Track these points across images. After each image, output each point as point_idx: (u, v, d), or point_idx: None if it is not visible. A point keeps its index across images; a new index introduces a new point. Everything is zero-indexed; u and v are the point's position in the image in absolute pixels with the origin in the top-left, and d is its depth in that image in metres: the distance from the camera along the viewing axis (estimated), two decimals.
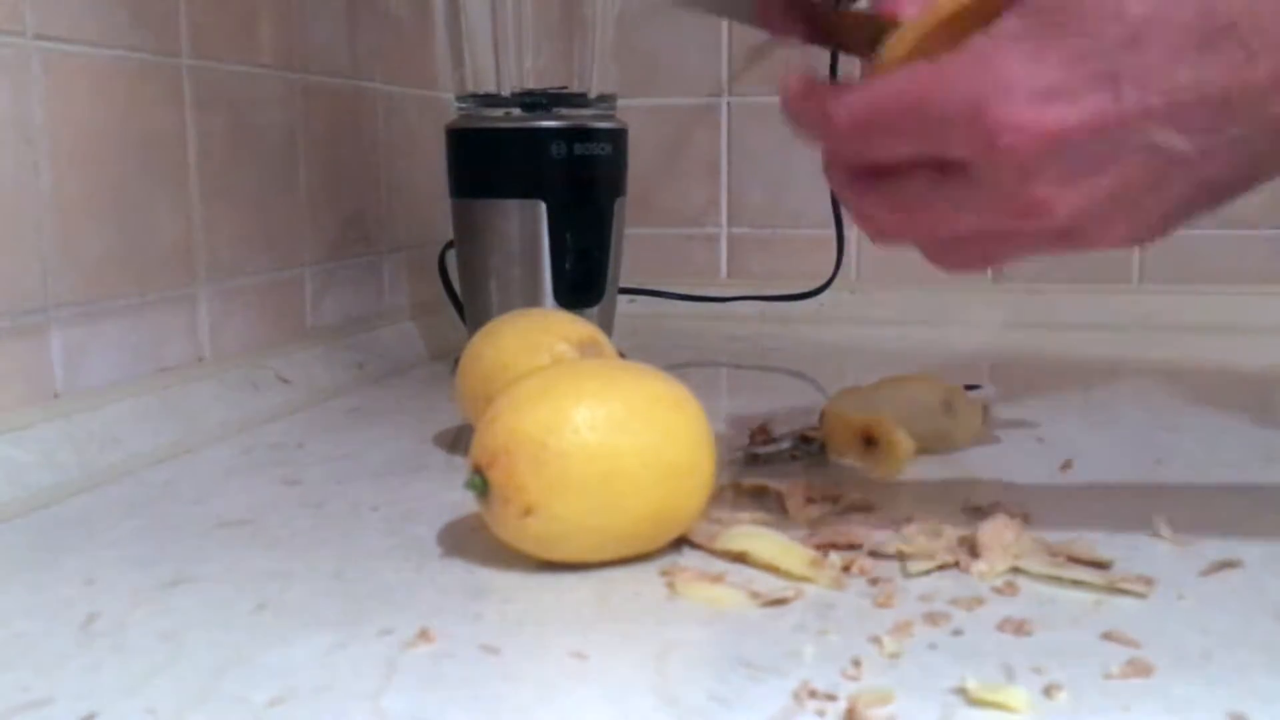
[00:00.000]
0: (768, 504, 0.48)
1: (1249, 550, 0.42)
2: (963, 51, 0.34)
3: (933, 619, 0.36)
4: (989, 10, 0.35)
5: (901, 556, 0.41)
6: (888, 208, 0.38)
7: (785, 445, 0.56)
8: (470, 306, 0.76)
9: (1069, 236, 0.36)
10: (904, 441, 0.50)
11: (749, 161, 1.05)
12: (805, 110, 0.38)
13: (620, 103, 0.78)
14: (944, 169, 0.36)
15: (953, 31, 0.36)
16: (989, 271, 1.01)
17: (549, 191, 0.72)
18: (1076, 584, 0.39)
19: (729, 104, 1.05)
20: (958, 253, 0.39)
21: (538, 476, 0.39)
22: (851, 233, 1.02)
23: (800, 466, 0.54)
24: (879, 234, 0.39)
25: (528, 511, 0.39)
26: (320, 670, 0.33)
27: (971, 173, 0.35)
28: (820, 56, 0.95)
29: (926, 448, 0.53)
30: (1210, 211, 0.37)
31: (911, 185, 0.37)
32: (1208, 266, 0.96)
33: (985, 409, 0.64)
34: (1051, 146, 0.34)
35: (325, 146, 0.77)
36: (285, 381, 0.68)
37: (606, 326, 0.75)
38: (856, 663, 0.33)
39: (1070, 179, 0.34)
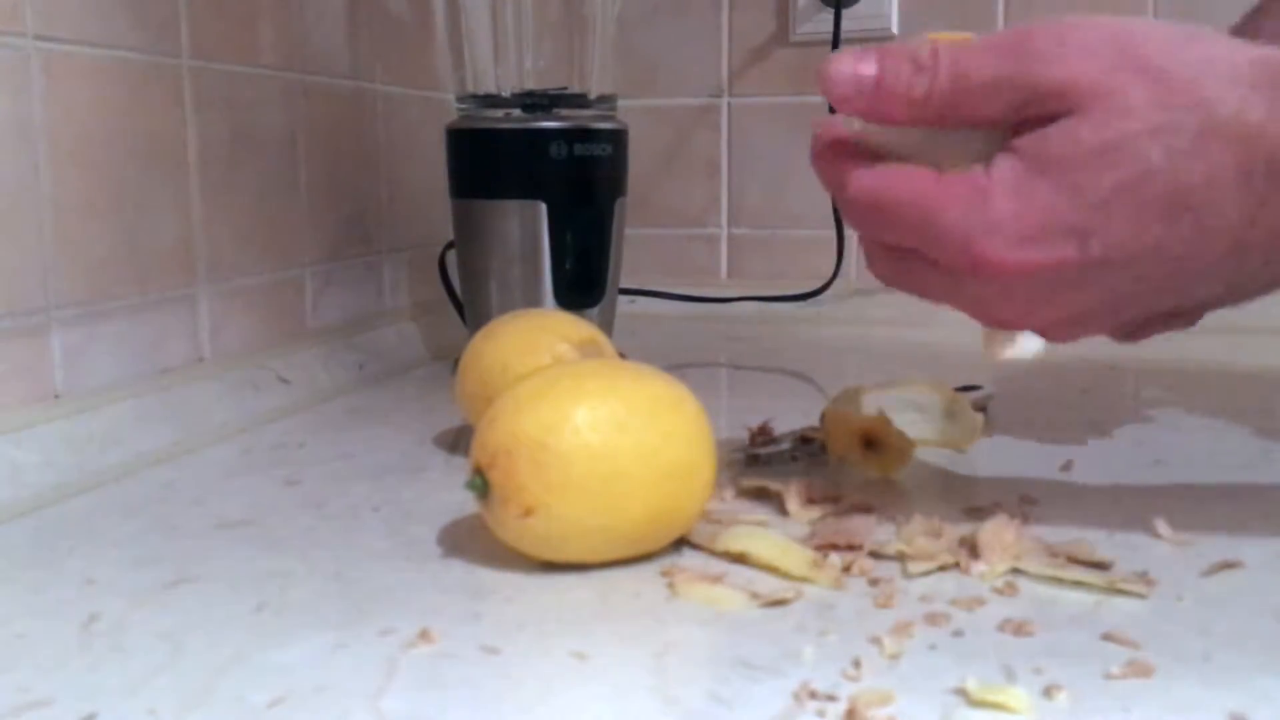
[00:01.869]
0: (768, 504, 0.48)
1: (1249, 550, 0.42)
2: (965, 180, 0.39)
3: (933, 619, 0.36)
4: None
5: (902, 557, 0.41)
6: (891, 272, 0.43)
7: (785, 446, 0.56)
8: (470, 307, 0.76)
9: (1036, 327, 0.42)
10: (905, 441, 0.50)
11: (749, 162, 1.05)
12: (826, 169, 0.42)
13: (620, 103, 0.78)
14: (937, 264, 0.40)
15: None
16: None
17: (549, 192, 0.72)
18: (1077, 584, 0.39)
19: (729, 104, 1.05)
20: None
21: (538, 477, 0.39)
22: (851, 233, 1.02)
23: (800, 467, 0.54)
24: (886, 284, 0.44)
25: (528, 512, 0.39)
26: (320, 670, 0.33)
27: (956, 279, 0.40)
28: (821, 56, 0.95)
29: (927, 450, 0.53)
30: (1159, 329, 0.44)
31: (913, 264, 0.41)
32: None
33: (985, 410, 0.64)
34: (1021, 280, 0.39)
35: (326, 147, 0.77)
36: (285, 382, 0.68)
37: (607, 327, 0.75)
38: (857, 663, 0.33)
39: (1035, 304, 0.40)
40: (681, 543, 0.43)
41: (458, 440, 0.60)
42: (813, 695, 0.31)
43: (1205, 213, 0.37)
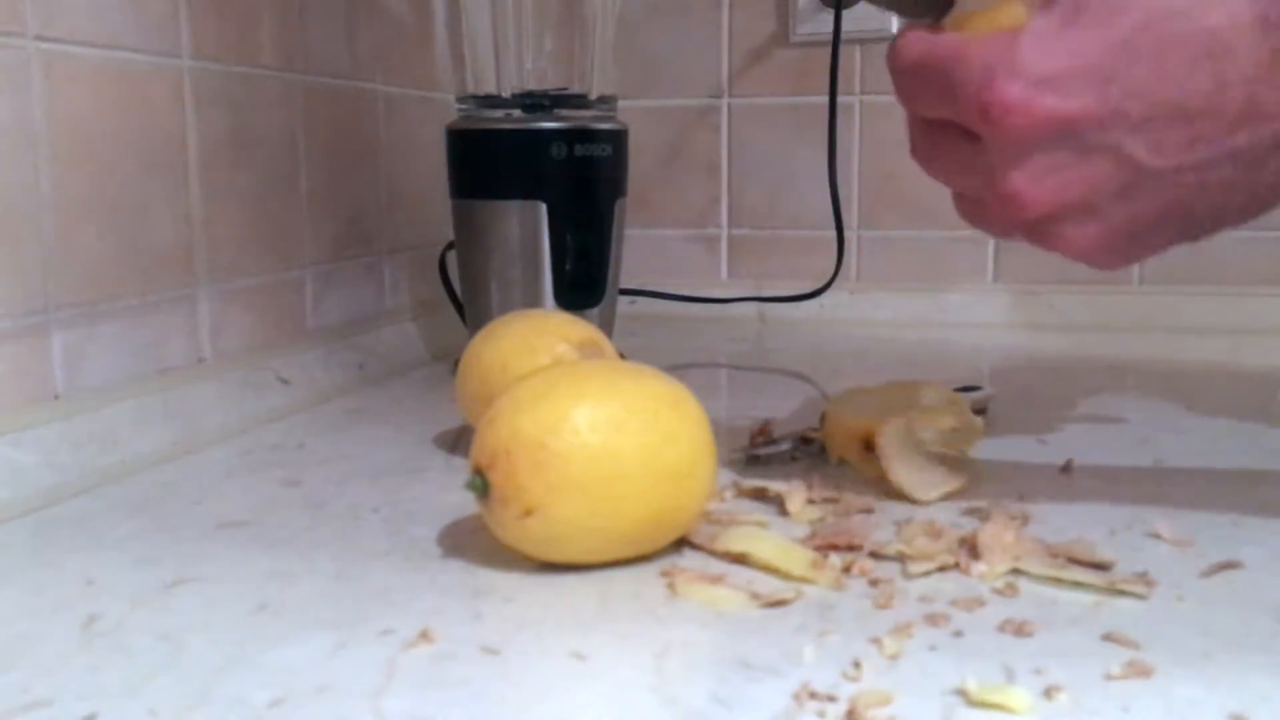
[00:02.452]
0: (768, 505, 0.48)
1: (1249, 550, 0.42)
2: (998, 34, 0.39)
3: (933, 620, 0.36)
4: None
5: (902, 557, 0.41)
6: (925, 146, 0.43)
7: (785, 446, 0.56)
8: (470, 307, 0.76)
9: (1043, 231, 0.40)
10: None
11: (749, 162, 1.05)
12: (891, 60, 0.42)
13: (621, 104, 0.78)
14: (971, 134, 0.40)
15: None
16: (989, 275, 1.01)
17: (549, 192, 0.72)
18: (1077, 585, 0.39)
19: (729, 105, 1.05)
20: (970, 211, 0.44)
21: (538, 477, 0.39)
22: (852, 233, 1.02)
23: (800, 467, 0.54)
24: (922, 166, 0.43)
25: (528, 512, 0.39)
26: (320, 671, 0.33)
27: (982, 145, 0.39)
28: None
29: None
30: (1180, 241, 0.41)
31: (945, 137, 0.41)
32: (1208, 267, 0.96)
33: (985, 410, 0.64)
34: (1037, 131, 0.37)
35: (326, 147, 0.77)
36: (285, 382, 0.68)
37: (607, 327, 0.75)
38: (857, 664, 0.33)
39: (1047, 171, 0.38)
40: (681, 543, 0.43)
41: (458, 441, 0.60)
42: (813, 695, 0.31)
43: (1223, 61, 0.36)
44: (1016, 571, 0.40)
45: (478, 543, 0.43)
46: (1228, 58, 0.36)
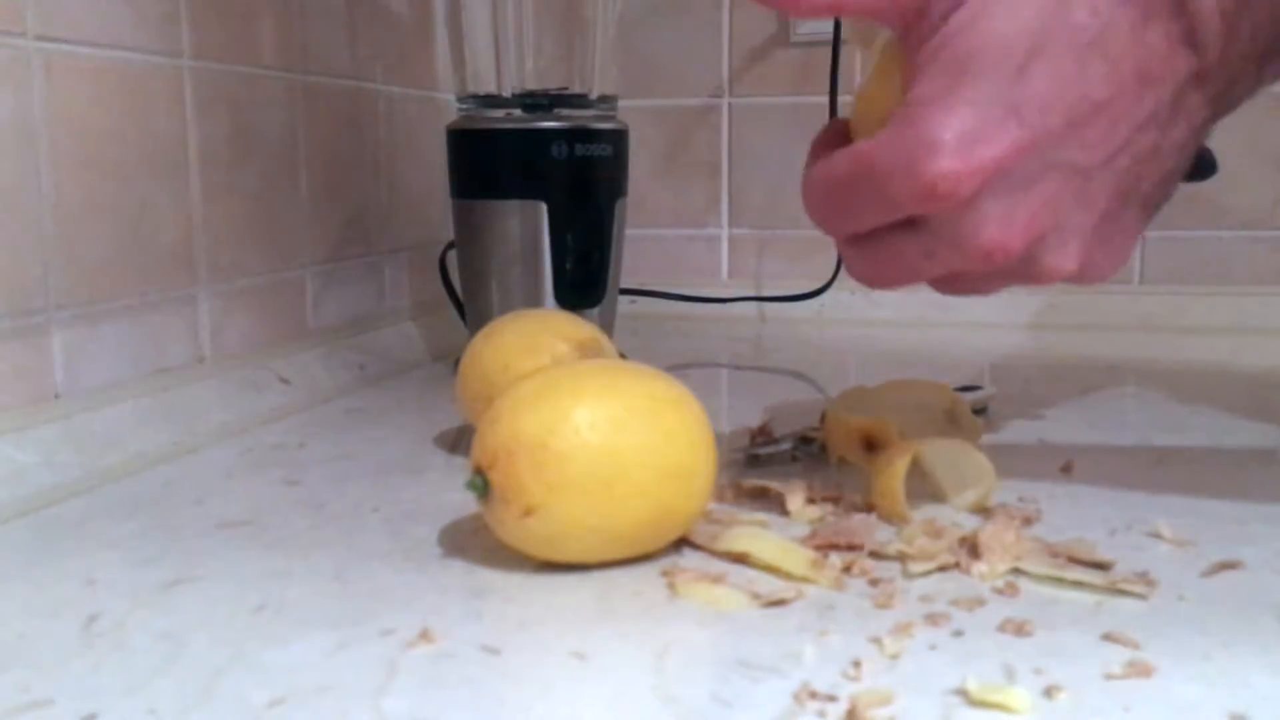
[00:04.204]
0: (768, 505, 0.48)
1: (1249, 550, 0.42)
2: (890, 124, 0.39)
3: (933, 620, 0.36)
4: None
5: (902, 557, 0.41)
6: (869, 264, 0.43)
7: (786, 446, 0.56)
8: (471, 307, 0.76)
9: (1031, 269, 0.41)
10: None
11: (749, 162, 1.05)
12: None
13: (621, 103, 0.78)
14: (911, 224, 0.40)
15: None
16: None
17: (550, 192, 0.72)
18: (1077, 585, 0.39)
19: (729, 105, 1.05)
20: (950, 288, 0.44)
21: (538, 477, 0.39)
22: None
23: (801, 467, 0.54)
24: (870, 284, 0.44)
25: (528, 512, 0.39)
26: (321, 670, 0.33)
27: (932, 225, 0.40)
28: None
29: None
30: (1147, 215, 0.42)
31: (885, 244, 0.41)
32: (1208, 267, 0.96)
33: (985, 410, 0.64)
34: (984, 184, 0.38)
35: (326, 147, 0.77)
36: (286, 382, 0.68)
37: (607, 327, 0.75)
38: (857, 663, 0.33)
39: (1010, 212, 0.39)
40: (682, 543, 0.43)
41: (458, 440, 0.60)
42: (813, 695, 0.31)
43: (1102, 45, 0.37)
44: (1017, 571, 0.40)
45: (478, 542, 0.43)
46: (1105, 41, 0.37)
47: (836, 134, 0.45)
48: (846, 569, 0.40)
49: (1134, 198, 0.41)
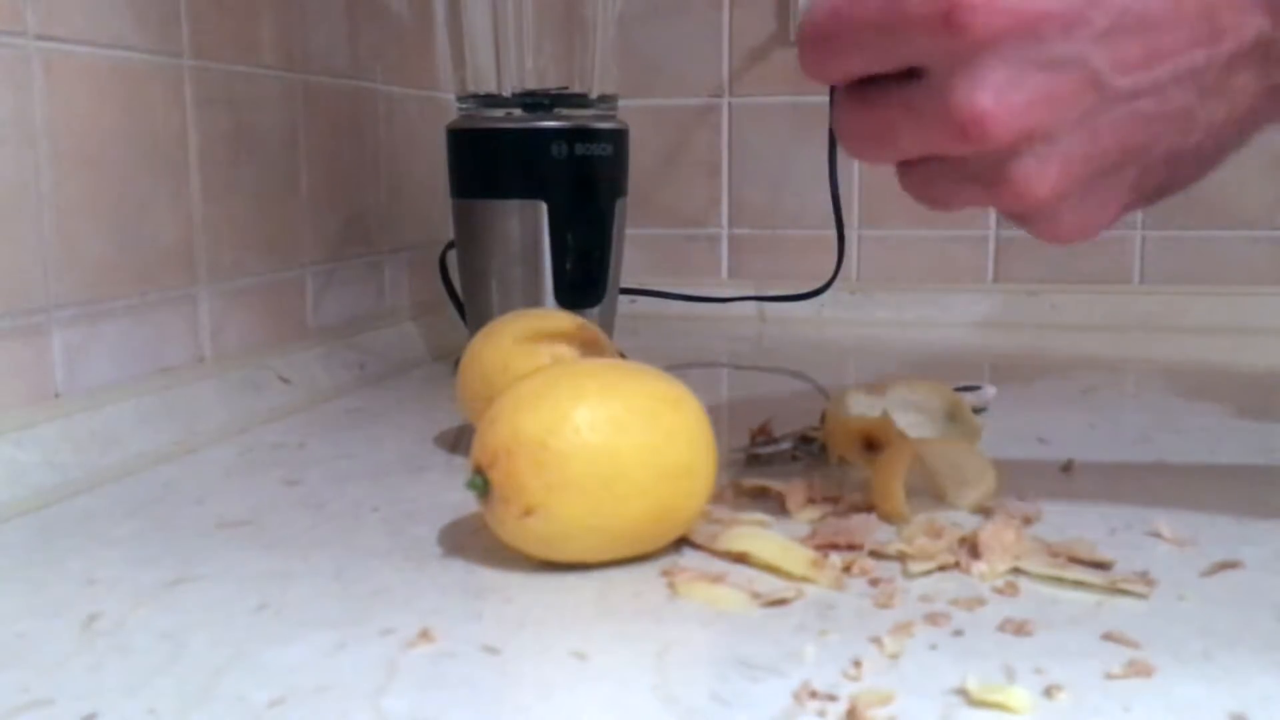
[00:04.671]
0: (768, 504, 0.48)
1: (1249, 550, 0.42)
2: None
3: (933, 619, 0.36)
4: None
5: (902, 557, 0.41)
6: (856, 119, 0.39)
7: (786, 445, 0.56)
8: (471, 307, 0.76)
9: (1001, 172, 0.37)
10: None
11: (749, 162, 1.05)
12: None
13: (621, 103, 0.78)
14: (906, 76, 0.37)
15: None
16: (989, 274, 1.01)
17: (550, 192, 0.72)
18: (1077, 584, 0.39)
19: (730, 104, 1.05)
20: (922, 183, 0.40)
21: (538, 477, 0.39)
22: (852, 232, 1.02)
23: (801, 467, 0.54)
24: (845, 144, 0.40)
25: (528, 512, 0.39)
26: (321, 670, 0.33)
27: (928, 78, 0.36)
28: None
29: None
30: (1137, 198, 0.38)
31: (880, 94, 0.38)
32: (1208, 266, 0.96)
33: (985, 410, 0.64)
34: (998, 36, 0.35)
35: (326, 147, 0.77)
36: (286, 382, 0.68)
37: (607, 327, 0.75)
38: (857, 663, 0.33)
39: (1007, 90, 0.35)
40: (682, 542, 0.43)
41: (458, 440, 0.60)
42: (813, 695, 0.31)
43: None
44: (1017, 571, 0.40)
45: (478, 542, 0.43)
46: None
47: None
48: (846, 569, 0.40)
49: (1134, 163, 0.38)
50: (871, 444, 0.52)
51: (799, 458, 0.55)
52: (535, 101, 0.73)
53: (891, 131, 0.38)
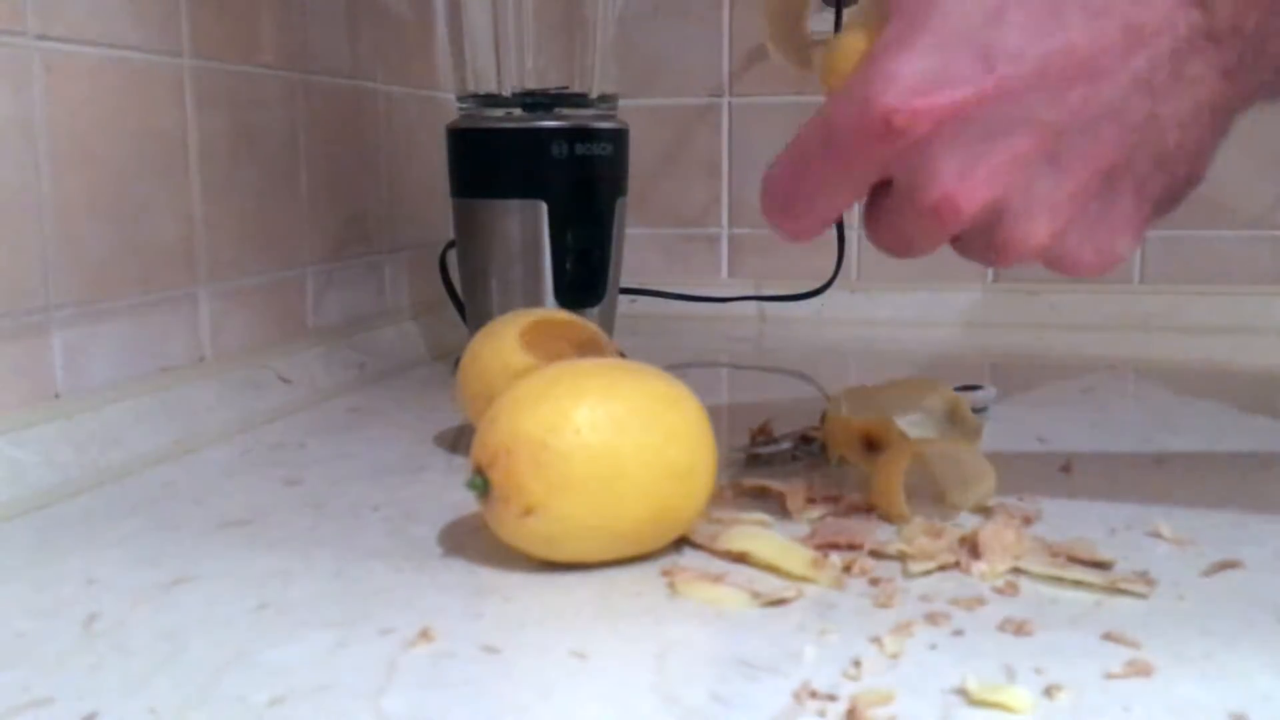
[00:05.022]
0: (768, 504, 0.48)
1: (1249, 550, 0.42)
2: (855, 71, 0.37)
3: (933, 619, 0.36)
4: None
5: (902, 557, 0.41)
6: (870, 227, 0.41)
7: (786, 445, 0.56)
8: (471, 306, 0.76)
9: (993, 239, 0.39)
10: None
11: (749, 161, 1.05)
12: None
13: (621, 103, 0.78)
14: (877, 193, 0.39)
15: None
16: (989, 274, 1.01)
17: (550, 191, 0.72)
18: (1077, 584, 0.39)
19: (730, 104, 1.05)
20: (962, 256, 0.42)
21: (538, 476, 0.39)
22: (852, 232, 1.02)
23: (801, 467, 0.54)
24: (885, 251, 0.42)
25: (528, 511, 0.39)
26: (321, 670, 0.33)
27: (894, 187, 0.38)
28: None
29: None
30: (1150, 209, 0.39)
31: (871, 206, 0.40)
32: (1208, 267, 0.96)
33: (985, 409, 0.64)
34: (942, 129, 0.36)
35: (326, 146, 0.77)
36: (286, 381, 0.68)
37: (607, 327, 0.75)
38: (857, 663, 0.33)
39: (968, 165, 0.36)
40: (682, 542, 0.43)
41: (458, 440, 0.60)
42: (813, 695, 0.31)
43: None
44: (1017, 570, 0.40)
45: (478, 542, 0.43)
46: None
47: None
48: (846, 568, 0.40)
49: (1125, 178, 0.38)
50: (872, 444, 0.52)
51: (799, 458, 0.55)
52: (535, 101, 0.73)
53: (891, 237, 0.40)
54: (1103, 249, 0.39)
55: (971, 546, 0.41)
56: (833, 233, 0.97)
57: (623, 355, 0.59)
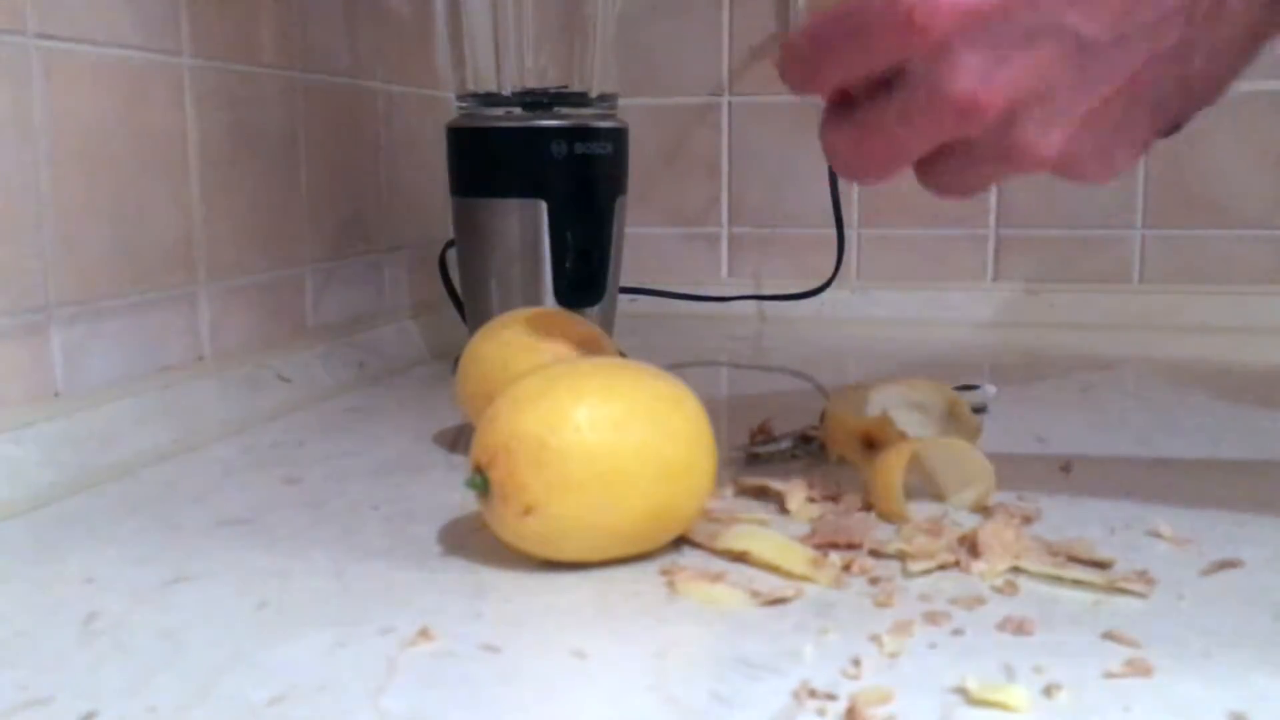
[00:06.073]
0: (768, 503, 0.48)
1: (1249, 550, 0.42)
2: None
3: (933, 618, 0.36)
4: None
5: (902, 556, 0.41)
6: (848, 140, 0.39)
7: (785, 445, 0.56)
8: (471, 306, 0.76)
9: (1007, 142, 0.37)
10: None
11: (749, 161, 1.05)
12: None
13: (621, 102, 0.78)
14: (888, 85, 0.37)
15: None
16: (989, 274, 1.01)
17: (550, 191, 0.72)
18: (1077, 584, 0.39)
19: (729, 103, 1.05)
20: (941, 176, 0.40)
21: (538, 475, 0.39)
22: (852, 231, 1.02)
23: (801, 466, 0.54)
24: (845, 168, 0.40)
25: (528, 510, 0.39)
26: (320, 669, 0.33)
27: (909, 78, 0.36)
28: None
29: None
30: (1162, 125, 0.38)
31: (864, 112, 0.38)
32: (1208, 266, 0.96)
33: (985, 409, 0.64)
34: (962, 25, 0.35)
35: (326, 146, 0.77)
36: (285, 380, 0.68)
37: (607, 326, 0.75)
38: (856, 662, 0.33)
39: (989, 69, 0.35)
40: (681, 541, 0.43)
41: (458, 439, 0.60)
42: (812, 694, 0.31)
43: None
44: (1016, 570, 0.40)
45: (478, 541, 0.43)
46: None
47: None
48: (846, 567, 0.40)
49: (1144, 98, 0.37)
50: (871, 443, 0.52)
51: (799, 457, 0.55)
52: (535, 100, 0.73)
53: (893, 139, 0.38)
54: (1107, 161, 0.39)
55: (971, 546, 0.41)
56: (832, 232, 0.97)
57: (623, 355, 0.59)
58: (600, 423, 0.40)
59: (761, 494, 0.49)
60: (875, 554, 0.41)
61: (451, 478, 0.51)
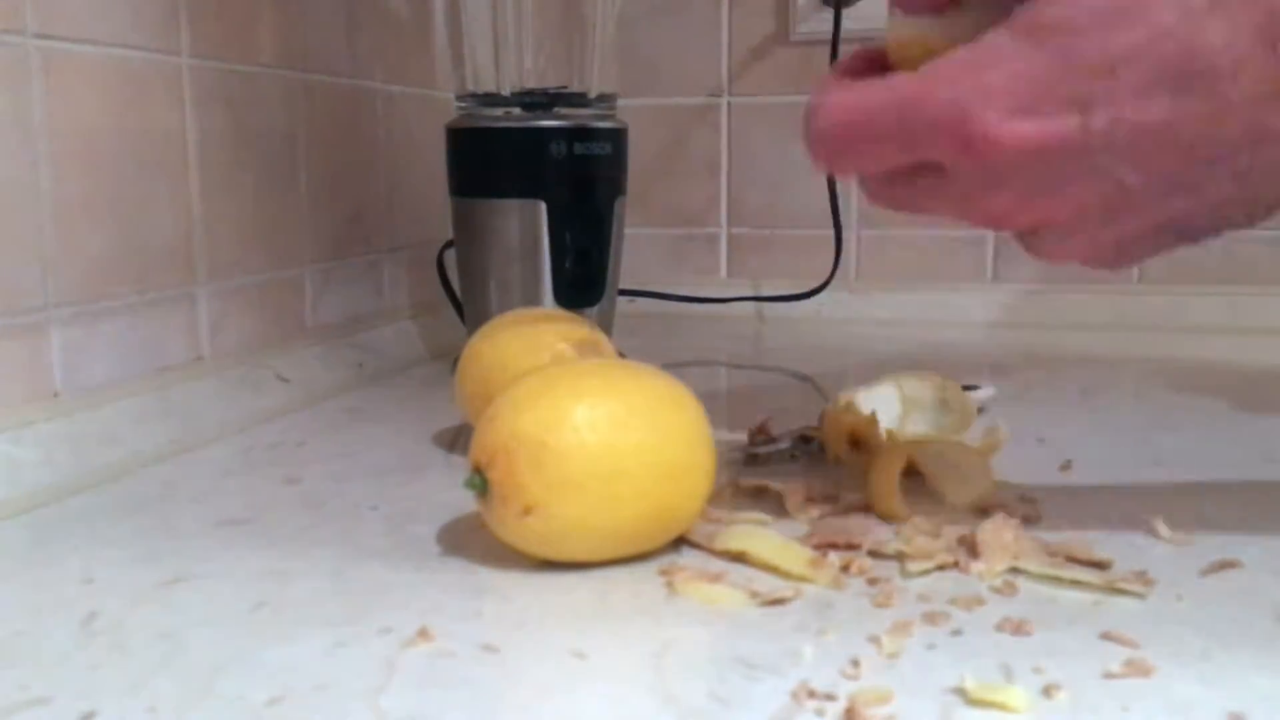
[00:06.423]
0: (767, 504, 0.48)
1: (1249, 550, 0.42)
2: (951, 60, 0.36)
3: (932, 619, 0.36)
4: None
5: (901, 556, 0.41)
6: (879, 188, 0.41)
7: (785, 445, 0.56)
8: (470, 306, 0.76)
9: (1028, 241, 0.39)
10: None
11: (749, 161, 1.05)
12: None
13: (620, 102, 0.78)
14: (920, 169, 0.38)
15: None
16: (989, 274, 1.01)
17: (549, 191, 0.72)
18: (1076, 584, 0.39)
19: (729, 104, 1.05)
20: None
21: (537, 476, 0.39)
22: (850, 232, 1.02)
23: (800, 466, 0.54)
24: (880, 202, 0.42)
25: (527, 511, 0.39)
26: (320, 669, 0.33)
27: (947, 174, 0.37)
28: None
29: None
30: (1180, 245, 0.39)
31: (905, 182, 0.39)
32: (1208, 266, 0.96)
33: (984, 410, 0.64)
34: (1018, 160, 0.35)
35: (325, 146, 0.77)
36: (285, 381, 0.68)
37: (606, 326, 0.75)
38: (855, 662, 0.33)
39: (1029, 196, 0.37)
40: (681, 542, 0.43)
41: (457, 439, 0.60)
42: (811, 694, 0.31)
43: (1221, 83, 0.33)
44: (1015, 570, 0.40)
45: (477, 541, 0.43)
46: (1225, 80, 0.33)
47: (865, 62, 0.41)
48: (845, 568, 0.40)
49: (1175, 232, 0.38)
50: (856, 442, 0.52)
51: (797, 457, 0.55)
52: (534, 100, 0.73)
53: (915, 204, 0.40)
54: (1124, 262, 0.40)
55: (970, 546, 0.41)
56: (831, 232, 0.97)
57: (622, 355, 0.59)
58: (599, 423, 0.40)
59: (760, 494, 0.49)
60: (874, 554, 0.41)
61: (450, 478, 0.51)
